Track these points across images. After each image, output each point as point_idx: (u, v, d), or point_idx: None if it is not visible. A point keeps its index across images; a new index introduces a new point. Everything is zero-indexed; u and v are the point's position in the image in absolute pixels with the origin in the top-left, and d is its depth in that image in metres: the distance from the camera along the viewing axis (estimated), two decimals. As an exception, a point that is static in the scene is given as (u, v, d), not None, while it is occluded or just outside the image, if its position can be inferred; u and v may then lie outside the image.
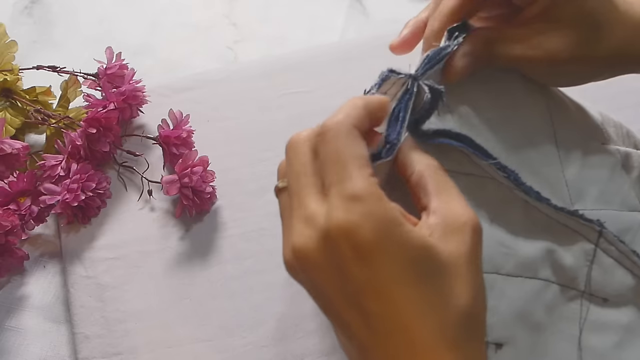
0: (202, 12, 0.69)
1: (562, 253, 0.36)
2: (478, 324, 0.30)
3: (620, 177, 0.38)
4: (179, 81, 0.61)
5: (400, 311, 0.29)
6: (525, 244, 0.35)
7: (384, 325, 0.29)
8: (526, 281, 0.35)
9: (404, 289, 0.29)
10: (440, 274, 0.29)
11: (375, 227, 0.28)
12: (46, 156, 0.53)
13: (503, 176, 0.35)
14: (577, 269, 0.36)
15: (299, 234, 0.30)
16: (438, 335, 0.29)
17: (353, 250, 0.28)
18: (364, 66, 0.61)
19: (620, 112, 0.59)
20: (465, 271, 0.29)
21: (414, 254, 0.29)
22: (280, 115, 0.59)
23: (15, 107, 0.57)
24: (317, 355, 0.49)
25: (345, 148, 0.30)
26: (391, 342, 0.29)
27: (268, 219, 0.54)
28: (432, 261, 0.29)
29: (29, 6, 0.69)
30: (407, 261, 0.29)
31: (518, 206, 0.35)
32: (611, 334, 0.36)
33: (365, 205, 0.28)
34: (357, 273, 0.29)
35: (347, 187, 0.29)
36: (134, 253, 0.53)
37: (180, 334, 0.50)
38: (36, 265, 0.54)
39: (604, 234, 0.36)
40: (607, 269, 0.36)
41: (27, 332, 0.51)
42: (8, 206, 0.51)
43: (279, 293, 0.51)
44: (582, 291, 0.36)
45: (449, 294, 0.29)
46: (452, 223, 0.30)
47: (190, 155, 0.53)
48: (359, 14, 0.69)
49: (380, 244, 0.28)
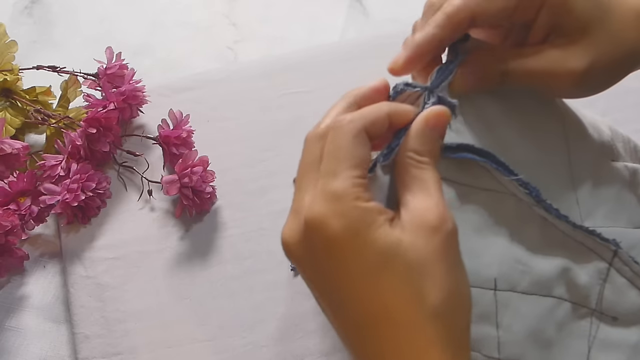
0: (202, 12, 0.69)
1: (576, 271, 0.36)
2: (450, 325, 0.30)
3: (628, 195, 0.39)
4: (179, 81, 0.62)
5: (368, 306, 0.30)
6: (542, 262, 0.35)
7: (351, 318, 0.30)
8: (540, 299, 0.35)
9: (371, 285, 0.29)
10: (408, 271, 0.29)
11: (345, 226, 0.30)
12: (46, 156, 0.53)
13: (525, 192, 0.35)
14: (590, 287, 0.36)
15: (287, 225, 0.33)
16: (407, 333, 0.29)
17: (323, 242, 0.30)
18: (364, 66, 0.61)
19: (620, 112, 0.59)
20: (433, 271, 0.29)
21: (382, 252, 0.29)
22: (280, 115, 0.59)
23: (15, 107, 0.57)
24: (317, 355, 0.49)
25: (345, 146, 0.31)
26: (360, 333, 0.30)
27: (268, 219, 0.54)
28: (400, 258, 0.29)
29: (29, 6, 0.69)
30: (373, 258, 0.29)
31: (536, 224, 0.35)
32: (619, 353, 0.36)
33: (340, 204, 0.30)
34: (327, 264, 0.30)
35: (330, 183, 0.30)
36: (134, 253, 0.53)
37: (180, 334, 0.50)
38: (36, 265, 0.54)
39: (619, 253, 0.36)
40: (620, 288, 0.36)
41: (27, 332, 0.51)
42: (8, 206, 0.51)
43: (279, 293, 0.51)
44: (593, 309, 0.36)
45: (418, 292, 0.29)
46: (422, 222, 0.30)
47: (190, 155, 0.53)
48: (359, 14, 0.69)
49: (348, 241, 0.30)
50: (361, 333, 0.30)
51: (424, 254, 0.30)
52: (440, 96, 0.33)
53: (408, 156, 0.32)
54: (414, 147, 0.32)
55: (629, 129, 0.58)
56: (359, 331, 0.30)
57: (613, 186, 0.38)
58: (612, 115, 0.59)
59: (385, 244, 0.30)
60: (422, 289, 0.29)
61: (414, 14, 0.41)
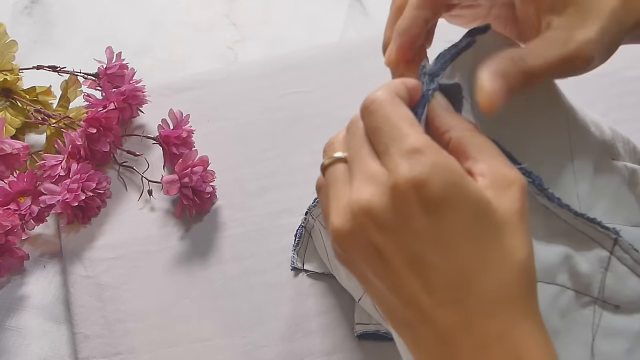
0: (202, 12, 0.69)
1: (578, 259, 0.36)
2: (533, 279, 0.30)
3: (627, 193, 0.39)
4: (179, 81, 0.62)
5: (463, 265, 0.29)
6: (546, 250, 0.35)
7: (445, 281, 0.29)
8: (545, 286, 0.35)
9: (468, 242, 0.29)
10: (497, 229, 0.29)
11: (443, 177, 0.28)
12: (46, 156, 0.53)
13: (528, 181, 0.35)
14: (592, 275, 0.36)
15: (361, 193, 0.30)
16: (498, 290, 0.29)
17: (421, 202, 0.28)
18: (364, 66, 0.61)
19: (620, 112, 0.59)
20: (518, 227, 0.30)
21: (477, 207, 0.29)
22: (280, 115, 0.59)
23: (15, 107, 0.57)
24: (317, 355, 0.49)
25: (392, 112, 0.30)
26: (450, 299, 0.29)
27: (268, 219, 0.54)
28: (491, 216, 0.29)
29: (29, 6, 0.69)
30: (471, 214, 0.29)
31: (539, 213, 0.36)
32: (622, 340, 0.36)
33: (428, 157, 0.28)
34: (425, 226, 0.29)
35: (405, 143, 0.29)
36: (134, 253, 0.53)
37: (181, 334, 0.50)
38: (36, 265, 0.54)
39: (619, 242, 0.36)
40: (621, 276, 0.37)
41: (27, 332, 0.51)
42: (8, 206, 0.51)
43: (279, 293, 0.51)
44: (596, 298, 0.36)
45: (507, 249, 0.29)
46: (501, 182, 0.30)
47: (190, 155, 0.53)
48: (359, 14, 0.69)
49: (448, 194, 0.28)
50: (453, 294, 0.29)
51: (509, 209, 0.29)
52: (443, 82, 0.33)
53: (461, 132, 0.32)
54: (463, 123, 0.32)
55: (628, 129, 0.58)
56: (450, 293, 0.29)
57: (613, 184, 0.38)
58: (612, 116, 0.59)
59: (480, 198, 0.29)
60: (513, 245, 0.29)
61: (413, 14, 0.42)
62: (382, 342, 0.48)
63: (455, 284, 0.29)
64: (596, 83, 0.60)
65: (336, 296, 0.51)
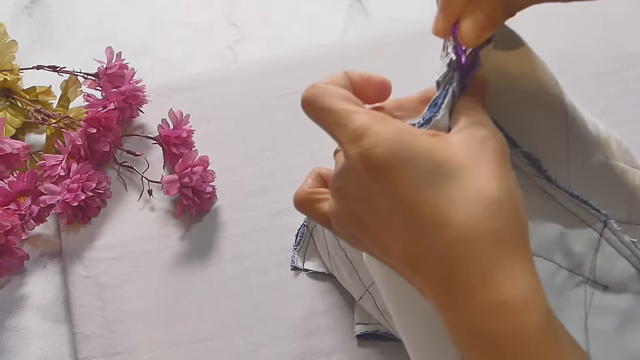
0: (202, 12, 0.69)
1: (572, 239, 0.37)
2: (516, 218, 0.29)
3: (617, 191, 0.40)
4: (179, 81, 0.62)
5: (429, 215, 0.29)
6: (544, 227, 0.37)
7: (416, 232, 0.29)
8: (544, 262, 0.36)
9: (426, 193, 0.29)
10: (462, 173, 0.29)
11: (386, 142, 0.29)
12: (46, 156, 0.53)
13: (528, 163, 0.36)
14: (584, 255, 0.38)
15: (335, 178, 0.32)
16: (471, 229, 0.28)
17: (371, 173, 0.29)
18: (364, 66, 0.61)
19: (620, 112, 0.59)
20: (490, 169, 0.29)
21: (430, 159, 0.29)
22: (280, 115, 0.59)
23: (15, 107, 0.57)
24: (317, 355, 0.49)
25: (327, 102, 0.32)
26: (426, 249, 0.29)
27: (268, 219, 0.54)
28: (451, 164, 0.29)
29: (29, 6, 0.69)
30: (423, 167, 0.29)
31: (536, 194, 0.37)
32: (612, 318, 0.38)
33: (372, 130, 0.29)
34: (378, 194, 0.30)
35: (349, 126, 0.30)
36: (134, 253, 0.53)
37: (180, 334, 0.50)
38: (36, 265, 0.54)
39: (608, 224, 0.38)
40: (610, 257, 0.38)
41: (27, 332, 0.51)
42: (8, 206, 0.51)
43: (279, 293, 0.51)
44: (587, 278, 0.38)
45: (475, 188, 0.29)
46: (475, 136, 0.30)
47: (190, 155, 0.53)
48: (359, 14, 0.69)
49: (394, 155, 0.29)
50: (430, 243, 0.29)
51: (476, 156, 0.30)
52: None
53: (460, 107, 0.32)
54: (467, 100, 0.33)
55: (628, 129, 0.58)
56: (427, 241, 0.29)
57: (605, 181, 0.40)
58: (612, 116, 0.59)
59: (432, 151, 0.29)
60: (479, 184, 0.29)
61: (414, 14, 0.42)
62: (382, 342, 0.48)
63: (425, 236, 0.29)
64: (596, 83, 0.61)
65: (336, 296, 0.51)
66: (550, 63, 0.38)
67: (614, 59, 0.62)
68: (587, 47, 0.62)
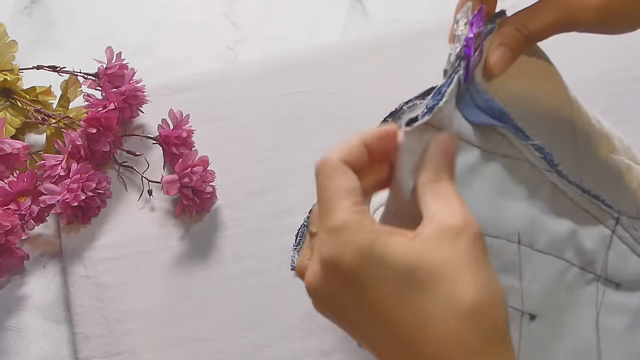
0: (202, 12, 0.69)
1: (583, 236, 0.37)
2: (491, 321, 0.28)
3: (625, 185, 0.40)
4: (179, 81, 0.61)
5: (399, 328, 0.28)
6: (555, 223, 0.36)
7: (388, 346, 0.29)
8: (554, 260, 0.36)
9: (397, 305, 0.28)
10: (436, 282, 0.28)
11: (356, 252, 0.28)
12: (46, 156, 0.53)
13: (540, 157, 0.36)
14: (595, 253, 0.37)
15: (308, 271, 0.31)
16: (446, 344, 0.28)
17: (340, 280, 0.29)
18: (364, 66, 0.61)
19: (620, 112, 0.59)
20: (465, 272, 0.28)
21: (401, 269, 0.28)
22: (281, 115, 0.59)
23: (15, 107, 0.57)
24: (317, 355, 0.49)
25: (327, 183, 0.31)
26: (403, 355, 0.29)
27: (268, 219, 0.54)
28: (424, 271, 0.28)
29: (29, 6, 0.69)
30: (393, 277, 0.28)
31: (547, 189, 0.36)
32: (624, 315, 0.38)
33: (345, 234, 0.29)
34: (349, 301, 0.29)
35: (329, 220, 0.30)
36: (134, 253, 0.53)
37: (180, 334, 0.50)
38: (36, 265, 0.54)
39: (620, 221, 0.38)
40: (622, 255, 0.38)
41: (27, 332, 0.51)
42: (8, 206, 0.51)
43: (279, 293, 0.51)
44: (599, 275, 0.37)
45: (450, 298, 0.28)
46: (447, 229, 0.29)
47: (190, 155, 0.53)
48: (359, 14, 0.69)
49: (363, 267, 0.28)
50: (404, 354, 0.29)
51: (450, 258, 0.28)
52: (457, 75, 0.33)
53: (424, 179, 0.31)
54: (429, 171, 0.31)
55: (629, 129, 0.58)
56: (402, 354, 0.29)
57: (612, 174, 0.40)
58: (613, 115, 0.59)
59: (404, 258, 0.28)
60: (454, 293, 0.28)
61: (414, 14, 0.41)
62: (382, 342, 0.48)
63: (398, 348, 0.28)
64: (596, 83, 0.60)
65: (336, 296, 0.51)
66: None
67: (614, 59, 0.62)
68: (587, 47, 0.62)
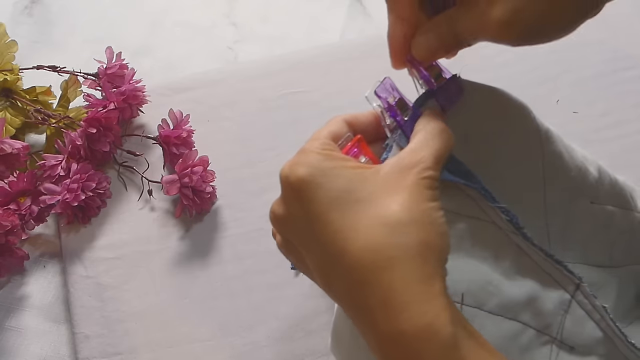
0: (202, 12, 0.69)
1: (543, 300, 0.37)
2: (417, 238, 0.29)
3: (599, 236, 0.40)
4: (179, 81, 0.62)
5: (332, 237, 0.30)
6: (512, 287, 0.36)
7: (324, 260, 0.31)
8: (505, 321, 0.36)
9: (333, 215, 0.30)
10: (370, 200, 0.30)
11: (308, 164, 0.31)
12: (46, 156, 0.53)
13: (505, 219, 0.36)
14: (553, 315, 0.37)
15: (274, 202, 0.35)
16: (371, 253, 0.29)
17: (292, 191, 0.32)
18: (364, 66, 0.61)
19: (620, 113, 0.59)
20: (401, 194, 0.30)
21: (343, 183, 0.31)
22: (280, 115, 0.59)
23: (15, 107, 0.57)
24: (317, 355, 0.49)
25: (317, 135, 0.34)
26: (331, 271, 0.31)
27: (268, 219, 0.54)
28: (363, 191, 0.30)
29: (29, 6, 0.69)
30: (336, 190, 0.30)
31: (511, 251, 0.37)
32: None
33: (304, 155, 0.32)
34: (297, 213, 0.32)
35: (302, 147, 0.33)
36: (134, 253, 0.53)
37: (180, 334, 0.50)
38: (36, 265, 0.54)
39: (581, 287, 0.38)
40: (579, 320, 0.38)
41: (27, 332, 0.51)
42: (8, 206, 0.51)
43: (279, 293, 0.51)
44: (554, 337, 0.38)
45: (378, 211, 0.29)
46: (401, 164, 0.31)
47: (190, 155, 0.53)
48: (359, 14, 0.69)
49: (311, 178, 0.31)
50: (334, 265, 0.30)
51: (392, 186, 0.30)
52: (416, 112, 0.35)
53: None
54: None
55: (629, 129, 0.58)
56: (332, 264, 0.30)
57: (587, 226, 0.40)
58: (613, 116, 0.59)
59: (352, 176, 0.31)
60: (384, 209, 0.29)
61: (414, 14, 0.42)
62: (382, 342, 0.48)
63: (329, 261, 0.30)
64: (596, 83, 0.61)
65: (336, 296, 0.51)
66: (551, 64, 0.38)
67: (614, 59, 0.62)
68: (587, 47, 0.62)
